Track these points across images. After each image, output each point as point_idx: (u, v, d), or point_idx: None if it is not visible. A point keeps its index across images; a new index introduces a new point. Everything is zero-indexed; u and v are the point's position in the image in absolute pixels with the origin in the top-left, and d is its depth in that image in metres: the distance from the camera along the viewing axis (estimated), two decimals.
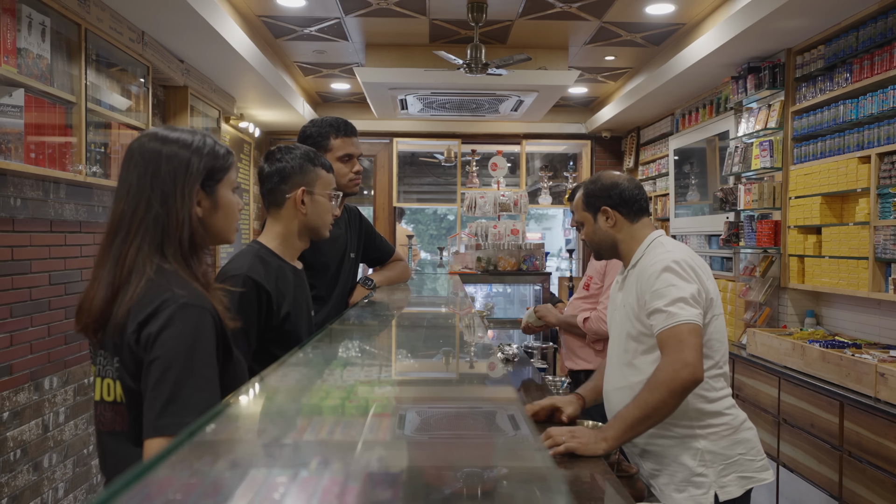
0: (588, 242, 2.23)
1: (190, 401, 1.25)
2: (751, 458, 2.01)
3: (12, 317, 3.21)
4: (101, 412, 1.40)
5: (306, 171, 1.94)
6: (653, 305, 1.92)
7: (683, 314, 1.86)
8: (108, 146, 4.00)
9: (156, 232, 1.38)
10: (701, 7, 4.86)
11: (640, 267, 2.05)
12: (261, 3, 4.85)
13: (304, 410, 1.09)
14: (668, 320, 1.86)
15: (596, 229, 2.16)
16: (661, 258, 1.99)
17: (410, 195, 9.60)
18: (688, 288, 1.91)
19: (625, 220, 2.13)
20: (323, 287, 2.41)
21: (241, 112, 6.88)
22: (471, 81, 5.59)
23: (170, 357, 1.27)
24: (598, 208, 2.14)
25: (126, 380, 1.33)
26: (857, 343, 3.86)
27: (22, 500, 3.25)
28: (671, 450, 2.00)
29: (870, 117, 3.79)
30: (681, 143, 6.61)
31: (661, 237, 2.12)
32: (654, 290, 1.93)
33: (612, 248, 2.17)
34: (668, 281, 1.92)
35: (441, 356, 1.74)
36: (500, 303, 6.41)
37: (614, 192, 2.13)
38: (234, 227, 1.52)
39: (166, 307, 1.30)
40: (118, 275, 1.36)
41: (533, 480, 0.85)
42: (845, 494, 3.40)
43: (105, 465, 1.43)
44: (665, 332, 1.87)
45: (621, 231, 2.13)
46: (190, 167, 1.41)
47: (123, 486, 0.71)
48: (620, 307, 2.12)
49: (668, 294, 1.90)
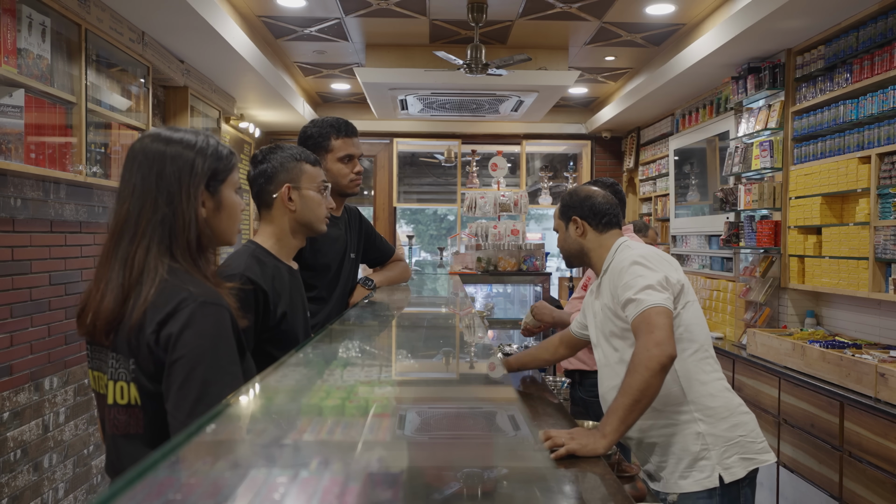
0: (559, 249, 2.39)
1: (220, 398, 1.25)
2: (751, 440, 2.07)
3: (12, 317, 3.21)
4: (114, 416, 1.38)
5: (289, 168, 1.93)
6: (624, 297, 2.02)
7: (651, 299, 1.95)
8: (109, 146, 4.00)
9: (163, 233, 1.38)
10: (701, 7, 4.86)
11: (610, 270, 2.18)
12: (261, 3, 4.85)
13: (304, 410, 1.09)
14: (637, 307, 1.96)
15: (566, 237, 2.31)
16: (628, 255, 2.12)
17: (410, 195, 9.61)
18: (653, 276, 2.02)
19: (593, 230, 2.27)
20: (324, 287, 2.41)
21: (242, 112, 6.88)
22: (471, 82, 5.60)
23: (195, 356, 1.27)
24: (569, 217, 2.29)
25: (143, 381, 1.32)
26: (858, 343, 3.86)
27: (22, 501, 3.25)
28: (673, 437, 2.06)
29: (870, 117, 3.79)
30: (681, 143, 6.61)
31: (625, 241, 2.24)
32: (623, 284, 2.04)
33: (579, 255, 2.31)
34: (635, 273, 2.04)
35: (441, 356, 1.74)
36: (500, 303, 6.41)
37: (586, 203, 2.28)
38: (237, 228, 1.52)
39: (185, 306, 1.30)
40: (128, 276, 1.35)
41: (533, 481, 0.85)
42: (845, 495, 3.40)
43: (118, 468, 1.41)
44: (637, 319, 1.96)
45: (589, 240, 2.27)
46: (195, 168, 1.41)
47: (123, 487, 0.71)
48: (599, 312, 2.24)
49: (636, 284, 2.00)
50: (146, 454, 1.32)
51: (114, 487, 0.71)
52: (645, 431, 2.10)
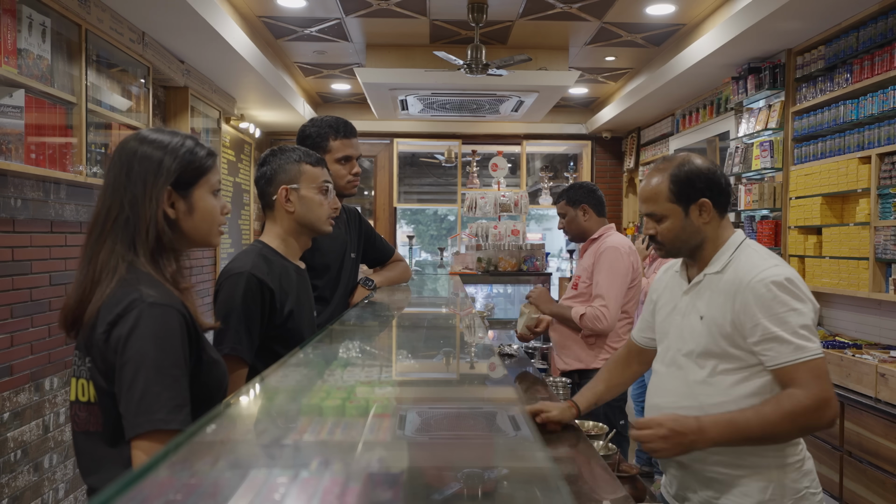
0: (662, 243, 1.86)
1: (159, 398, 1.26)
2: (814, 492, 1.80)
3: (13, 317, 3.21)
4: (75, 412, 1.40)
5: (288, 169, 1.94)
6: (770, 331, 1.67)
7: (814, 347, 1.66)
8: (109, 147, 4.00)
9: (126, 232, 1.38)
10: (701, 8, 4.86)
11: (730, 276, 1.77)
12: (261, 3, 4.85)
13: (304, 411, 1.09)
14: (798, 353, 1.65)
15: (685, 225, 1.82)
16: (767, 272, 1.72)
17: (411, 196, 9.60)
18: (808, 310, 1.69)
19: (717, 215, 1.83)
20: (325, 288, 2.41)
21: (242, 112, 6.88)
22: (471, 82, 5.59)
23: (139, 357, 1.27)
24: (693, 199, 1.80)
25: (98, 379, 1.34)
26: (858, 343, 3.86)
27: (22, 501, 3.25)
28: (742, 479, 1.76)
29: (870, 118, 3.79)
30: (681, 143, 6.61)
31: (748, 240, 1.85)
32: (771, 313, 1.68)
33: (693, 249, 1.85)
34: (786, 303, 1.68)
35: (441, 357, 1.74)
36: (500, 303, 6.41)
37: (714, 181, 1.80)
38: (216, 230, 1.50)
39: (134, 307, 1.30)
40: (89, 274, 1.37)
41: (533, 481, 0.85)
42: (845, 495, 3.40)
43: (81, 465, 1.43)
44: (794, 367, 1.65)
45: (711, 229, 1.82)
46: (161, 167, 1.40)
47: (124, 487, 0.71)
48: (698, 324, 1.82)
49: (791, 321, 1.67)
50: (106, 451, 1.34)
51: (114, 487, 0.71)
52: (712, 467, 1.78)
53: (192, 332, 1.38)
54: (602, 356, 3.17)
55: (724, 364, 1.76)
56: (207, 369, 1.42)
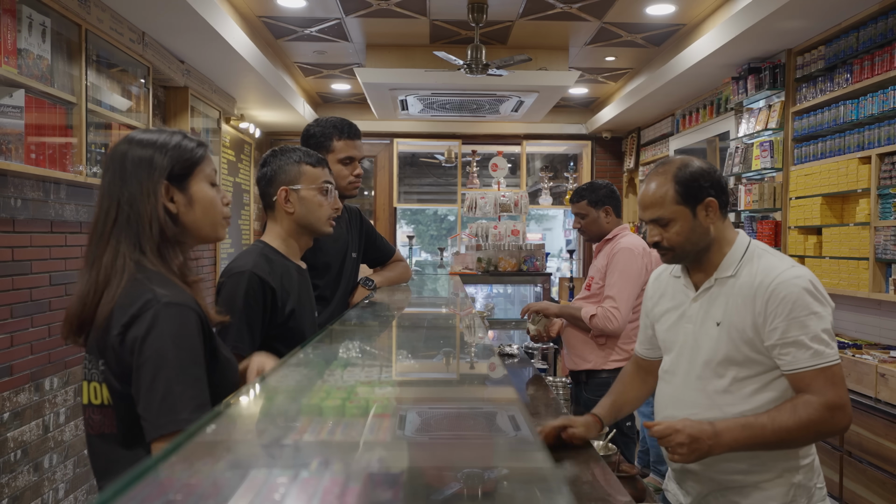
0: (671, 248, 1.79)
1: (182, 398, 1.26)
2: (820, 487, 1.81)
3: (13, 317, 3.21)
4: (89, 416, 1.40)
5: (288, 170, 1.95)
6: (789, 335, 1.64)
7: (832, 353, 1.64)
8: (109, 147, 4.00)
9: (129, 230, 1.39)
10: (701, 8, 4.86)
11: (747, 279, 1.73)
12: (261, 3, 4.85)
13: (304, 411, 1.09)
14: (815, 359, 1.63)
15: (694, 227, 1.75)
16: (787, 273, 1.69)
17: (411, 196, 9.60)
18: (827, 316, 1.67)
19: (721, 215, 1.78)
20: (326, 287, 2.41)
21: (242, 113, 6.88)
22: (471, 82, 5.60)
23: (158, 358, 1.27)
24: (700, 199, 1.74)
25: (112, 382, 1.33)
26: (858, 343, 3.86)
27: (22, 501, 3.25)
28: (766, 484, 1.74)
29: (870, 118, 3.80)
30: (681, 143, 6.61)
31: (754, 241, 1.82)
32: (792, 317, 1.64)
33: (700, 253, 1.79)
34: (808, 307, 1.65)
35: (441, 357, 1.74)
36: (500, 303, 6.41)
37: (716, 179, 1.75)
38: (219, 221, 1.50)
39: (149, 308, 1.30)
40: (95, 277, 1.37)
41: (533, 481, 0.85)
42: (845, 495, 3.40)
43: (96, 468, 1.43)
44: (813, 373, 1.64)
45: (717, 229, 1.77)
46: (153, 164, 1.41)
47: (124, 487, 0.71)
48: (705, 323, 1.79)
49: (810, 324, 1.64)
50: (121, 454, 1.34)
51: (114, 487, 0.71)
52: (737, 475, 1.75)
53: (207, 331, 1.39)
54: (612, 357, 3.16)
55: (745, 371, 1.72)
56: (222, 368, 1.43)
